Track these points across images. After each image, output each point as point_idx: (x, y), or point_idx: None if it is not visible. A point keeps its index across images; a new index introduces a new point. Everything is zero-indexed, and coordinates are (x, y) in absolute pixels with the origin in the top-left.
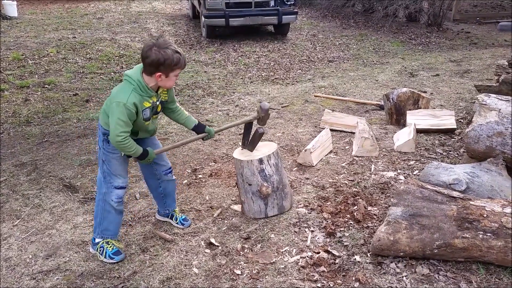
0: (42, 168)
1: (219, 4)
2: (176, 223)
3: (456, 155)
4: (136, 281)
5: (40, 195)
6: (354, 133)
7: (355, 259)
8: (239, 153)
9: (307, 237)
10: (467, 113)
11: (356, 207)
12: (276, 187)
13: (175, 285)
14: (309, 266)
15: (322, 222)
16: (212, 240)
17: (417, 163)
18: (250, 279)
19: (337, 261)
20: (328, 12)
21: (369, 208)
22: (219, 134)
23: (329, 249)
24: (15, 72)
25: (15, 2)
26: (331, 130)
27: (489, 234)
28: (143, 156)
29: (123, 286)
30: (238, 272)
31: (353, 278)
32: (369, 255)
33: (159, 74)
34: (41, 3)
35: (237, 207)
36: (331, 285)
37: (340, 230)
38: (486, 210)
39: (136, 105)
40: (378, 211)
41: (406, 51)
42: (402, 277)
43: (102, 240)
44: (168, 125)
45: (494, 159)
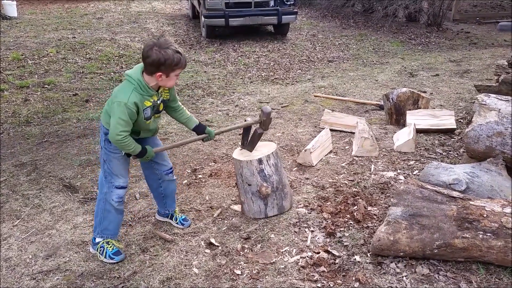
0: (42, 168)
1: (218, 4)
2: (176, 223)
3: (456, 155)
4: (136, 281)
5: (40, 195)
6: (354, 133)
7: (355, 259)
8: (238, 153)
9: (307, 237)
10: (467, 113)
11: (356, 207)
12: (275, 187)
13: (175, 285)
14: (309, 266)
15: (322, 222)
16: (212, 240)
17: (417, 163)
18: (250, 279)
19: (337, 261)
20: (328, 12)
21: (369, 208)
22: (218, 135)
23: (329, 249)
24: (15, 72)
25: (15, 2)
26: (331, 130)
27: (489, 234)
28: (141, 153)
29: (123, 286)
30: (238, 272)
31: (353, 278)
32: (369, 255)
33: (159, 74)
34: (41, 3)
35: (237, 207)
36: (331, 285)
37: (340, 230)
38: (486, 210)
39: (137, 104)
40: (378, 211)
41: (406, 51)
42: (402, 277)
43: (102, 240)
44: (168, 125)
45: (494, 159)
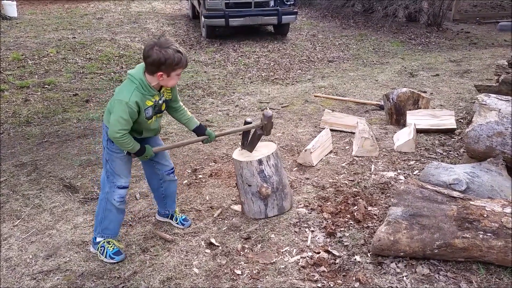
0: (42, 168)
1: (219, 4)
2: (176, 223)
3: (456, 155)
4: (136, 281)
5: (40, 195)
6: (354, 133)
7: (355, 259)
8: (238, 154)
9: (307, 237)
10: (467, 113)
11: (356, 207)
12: (275, 188)
13: (175, 285)
14: (310, 266)
15: (322, 222)
16: (212, 240)
17: (417, 163)
18: (250, 279)
19: (337, 261)
20: (328, 12)
21: (369, 208)
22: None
23: (329, 249)
24: (15, 72)
25: (15, 2)
26: (331, 130)
27: (489, 234)
28: (140, 152)
29: (123, 286)
30: (239, 272)
31: (354, 278)
32: (369, 255)
33: (160, 73)
34: (41, 3)
35: (237, 207)
36: (331, 285)
37: (340, 230)
38: (486, 210)
39: (138, 103)
40: (378, 211)
41: (406, 51)
42: (403, 277)
43: (103, 239)
44: (168, 125)
45: (494, 159)
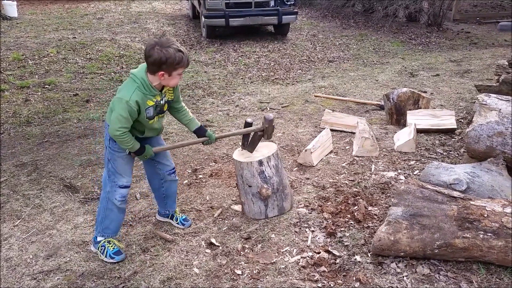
0: (43, 169)
1: (219, 4)
2: (177, 223)
3: (457, 155)
4: (136, 281)
5: (41, 195)
6: (354, 133)
7: (355, 259)
8: (239, 154)
9: (307, 237)
10: (467, 113)
11: (356, 207)
12: (276, 189)
13: (175, 285)
14: (310, 266)
15: (323, 222)
16: (213, 240)
17: (418, 163)
18: (250, 279)
19: (337, 261)
20: (328, 12)
21: (370, 208)
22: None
23: (329, 249)
24: (15, 72)
25: (15, 2)
26: (331, 130)
27: (489, 234)
28: (140, 151)
29: (123, 286)
30: (239, 272)
31: (354, 278)
32: (369, 255)
33: (162, 73)
34: (41, 3)
35: (238, 207)
36: (331, 285)
37: (341, 230)
38: (486, 210)
39: (138, 103)
40: (378, 211)
41: (406, 51)
42: (403, 277)
43: (103, 239)
44: (168, 125)
45: (495, 159)
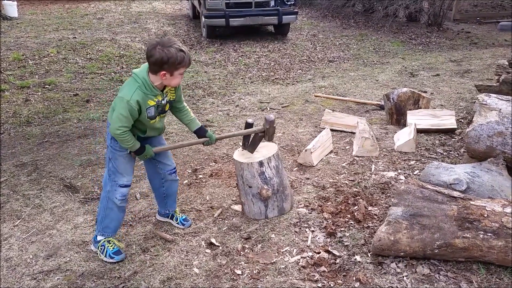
0: (43, 169)
1: (219, 4)
2: (177, 223)
3: (457, 155)
4: (136, 281)
5: (41, 195)
6: (354, 133)
7: (355, 259)
8: (239, 155)
9: (307, 237)
10: (467, 113)
11: (356, 207)
12: (276, 190)
13: (175, 285)
14: (310, 266)
15: (323, 222)
16: (213, 240)
17: (418, 163)
18: (250, 279)
19: (337, 261)
20: (328, 12)
21: (370, 208)
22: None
23: (329, 249)
24: (16, 72)
25: (15, 2)
26: (332, 130)
27: (489, 234)
28: (140, 151)
29: (123, 286)
30: (239, 272)
31: (354, 278)
32: (369, 255)
33: (163, 72)
34: (41, 3)
35: (238, 207)
36: (331, 285)
37: (341, 230)
38: (486, 210)
39: (139, 103)
40: (378, 211)
41: (406, 51)
42: (403, 277)
43: (103, 238)
44: (168, 125)
45: (495, 159)
